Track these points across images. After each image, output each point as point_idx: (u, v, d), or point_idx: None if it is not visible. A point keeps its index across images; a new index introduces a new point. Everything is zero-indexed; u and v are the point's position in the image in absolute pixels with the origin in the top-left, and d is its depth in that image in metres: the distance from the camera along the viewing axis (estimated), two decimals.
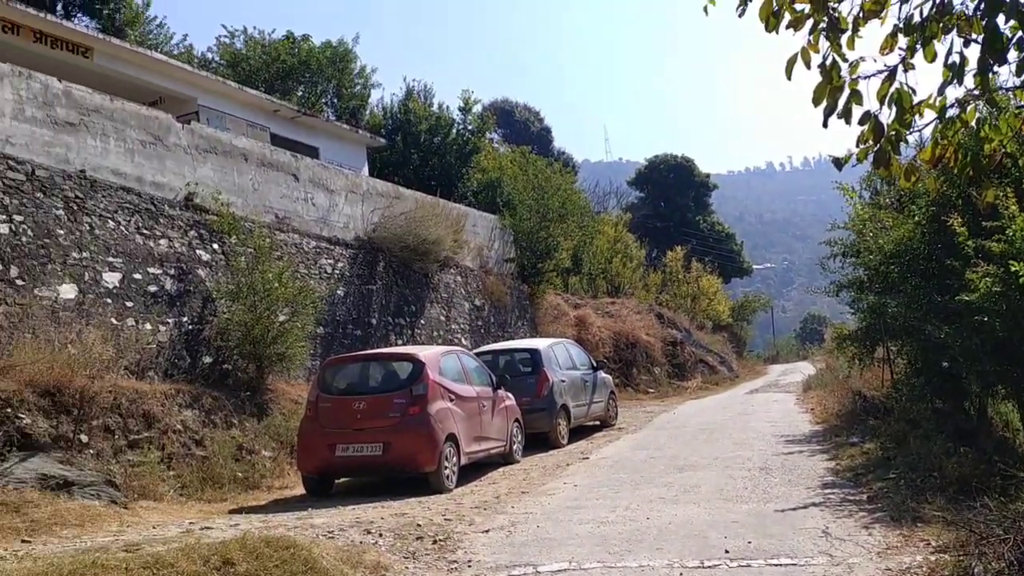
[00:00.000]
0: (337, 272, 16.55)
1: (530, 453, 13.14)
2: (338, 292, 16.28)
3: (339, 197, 17.49)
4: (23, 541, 7.05)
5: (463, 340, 19.73)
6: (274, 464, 11.40)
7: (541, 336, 21.64)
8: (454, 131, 26.07)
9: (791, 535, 6.75)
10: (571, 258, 27.21)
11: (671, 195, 51.62)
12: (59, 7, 21.94)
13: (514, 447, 12.50)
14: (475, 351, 15.04)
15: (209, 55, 25.78)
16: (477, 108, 27.69)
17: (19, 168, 10.83)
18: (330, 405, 10.45)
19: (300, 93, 24.72)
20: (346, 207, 17.64)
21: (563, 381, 14.77)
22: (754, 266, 62.75)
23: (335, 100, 26.43)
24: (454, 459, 10.48)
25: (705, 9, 4.77)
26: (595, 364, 16.95)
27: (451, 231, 19.73)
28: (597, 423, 16.58)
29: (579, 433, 15.39)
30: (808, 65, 4.13)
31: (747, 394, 24.18)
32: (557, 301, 25.96)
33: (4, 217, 10.39)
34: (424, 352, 11.07)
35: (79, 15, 22.72)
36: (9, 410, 8.73)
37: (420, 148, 25.41)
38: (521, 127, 50.98)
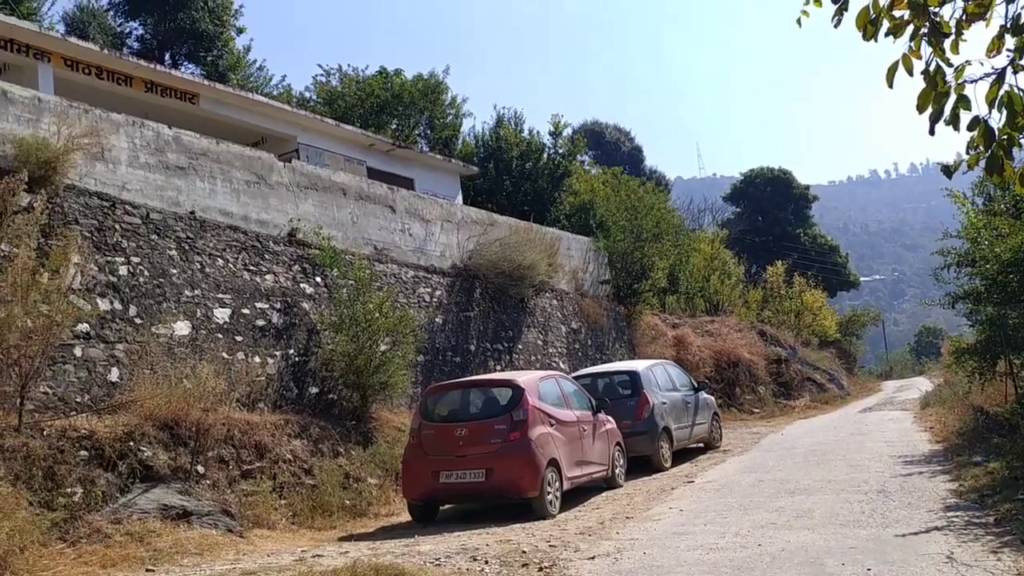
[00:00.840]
0: (435, 300, 16.83)
1: (633, 477, 13.00)
2: (436, 320, 16.55)
3: (435, 226, 17.84)
4: (148, 570, 7.40)
5: (561, 364, 19.72)
6: (380, 491, 11.63)
7: (639, 357, 21.42)
8: (545, 156, 26.31)
9: (913, 561, 6.45)
10: (667, 277, 26.91)
11: (769, 209, 50.54)
12: (167, 57, 23.28)
13: (616, 471, 12.39)
14: (573, 374, 15.02)
15: (307, 94, 26.81)
16: (567, 132, 27.90)
17: (135, 212, 11.49)
18: (433, 432, 10.61)
19: (394, 126, 25.39)
20: (442, 236, 17.96)
21: (664, 403, 14.57)
22: (861, 278, 60.59)
23: (428, 131, 27.04)
24: (556, 484, 10.47)
25: (798, 21, 4.72)
26: (696, 385, 16.68)
27: (545, 255, 19.80)
28: (701, 445, 16.27)
29: (683, 456, 15.13)
30: (910, 72, 4.02)
31: (860, 413, 23.27)
32: (654, 321, 25.67)
33: (123, 259, 11.02)
34: (523, 377, 11.12)
35: (185, 63, 24.06)
36: (132, 443, 9.20)
37: (512, 174, 25.71)
38: (612, 148, 50.97)
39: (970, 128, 4.00)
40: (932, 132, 4.10)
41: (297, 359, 13.05)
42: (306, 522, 10.24)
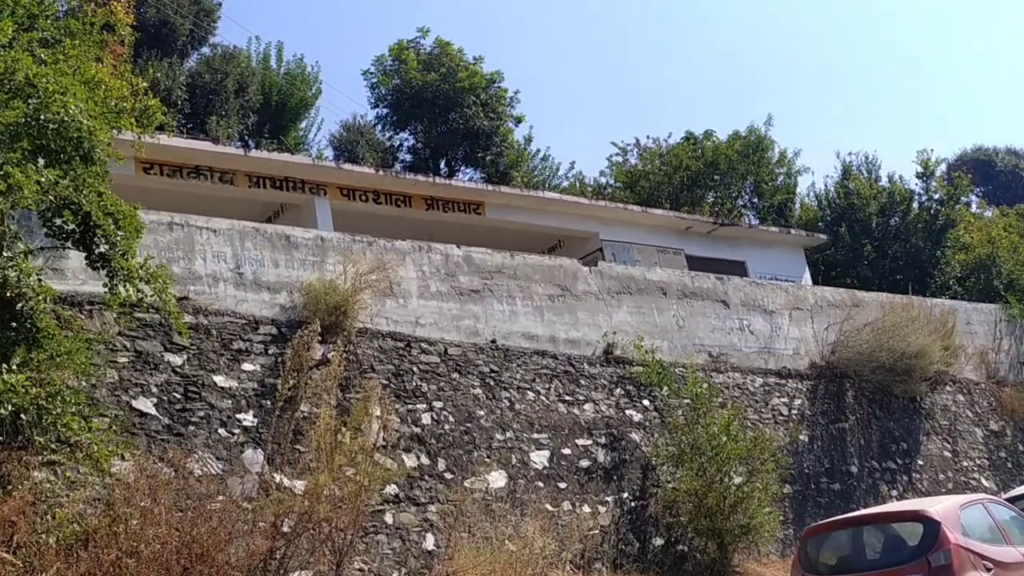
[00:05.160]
0: (795, 412, 16.41)
1: None
2: (801, 437, 16.09)
3: (781, 318, 17.58)
4: None
5: (983, 481, 18.24)
6: None
7: None
8: (915, 205, 25.55)
9: None
10: None
11: None
12: (442, 164, 25.46)
13: None
14: (1006, 496, 13.77)
15: (602, 179, 27.92)
16: (940, 169, 26.59)
17: (432, 349, 12.55)
18: None
19: (711, 200, 25.63)
20: (792, 328, 17.64)
21: None
22: None
23: (754, 199, 26.98)
24: None
25: None
26: None
27: (937, 336, 18.69)
28: None
29: None
30: None
31: None
32: None
33: (425, 406, 12.00)
34: (936, 506, 10.36)
35: (462, 168, 26.09)
36: None
37: (872, 236, 25.01)
38: (1007, 178, 47.28)
39: None
40: None
41: (633, 504, 13.23)
42: None
